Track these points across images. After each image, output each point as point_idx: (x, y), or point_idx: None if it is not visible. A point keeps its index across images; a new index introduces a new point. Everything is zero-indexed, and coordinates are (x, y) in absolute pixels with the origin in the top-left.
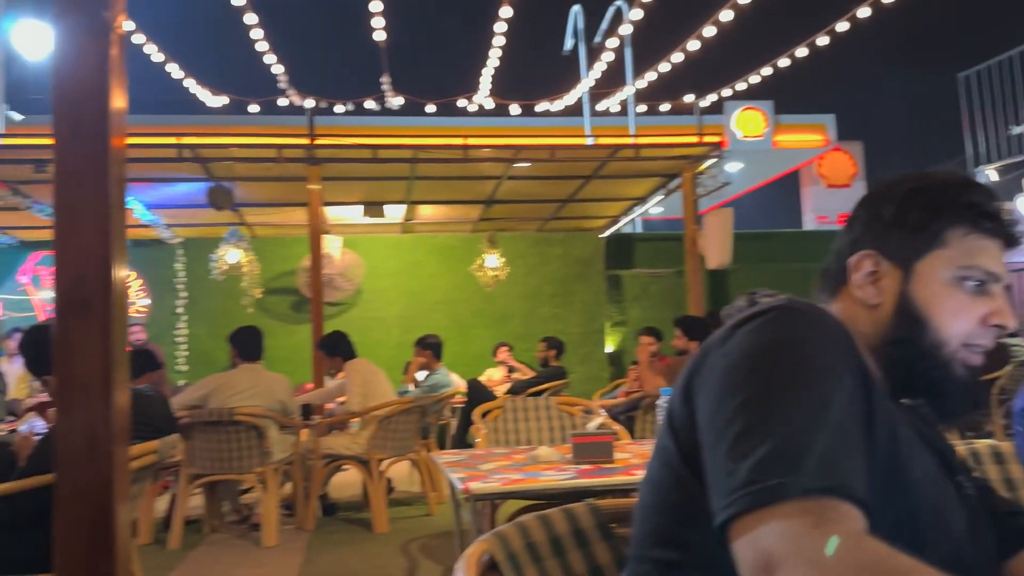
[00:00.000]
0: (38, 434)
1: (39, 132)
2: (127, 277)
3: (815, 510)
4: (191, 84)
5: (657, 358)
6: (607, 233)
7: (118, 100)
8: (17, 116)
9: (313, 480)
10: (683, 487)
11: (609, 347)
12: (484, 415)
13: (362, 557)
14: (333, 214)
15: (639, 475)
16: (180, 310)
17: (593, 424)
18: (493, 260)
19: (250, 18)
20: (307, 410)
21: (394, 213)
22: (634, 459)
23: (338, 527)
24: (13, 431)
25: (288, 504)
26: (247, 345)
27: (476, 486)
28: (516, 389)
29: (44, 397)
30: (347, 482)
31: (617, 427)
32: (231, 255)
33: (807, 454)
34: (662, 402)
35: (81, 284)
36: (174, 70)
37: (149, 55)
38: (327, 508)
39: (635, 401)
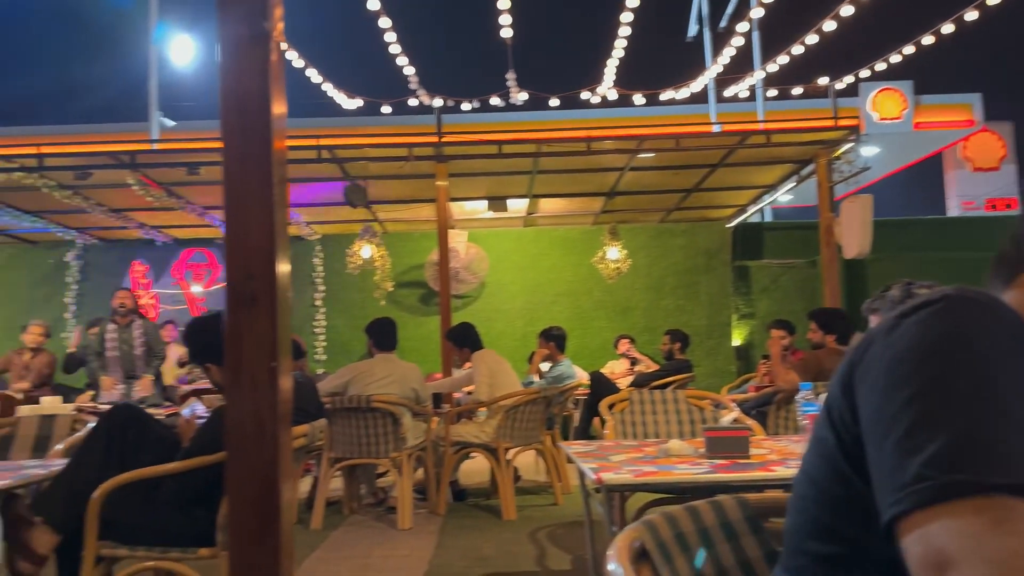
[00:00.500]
0: (200, 418)
1: (190, 136)
2: (288, 272)
3: (993, 508)
4: (328, 88)
5: (790, 352)
6: (734, 223)
7: (278, 105)
8: (169, 122)
9: (444, 466)
10: (842, 480)
11: (736, 340)
12: (611, 407)
13: (493, 543)
14: (458, 209)
15: (778, 472)
16: (318, 303)
17: (727, 418)
18: (615, 252)
19: (384, 22)
20: (437, 399)
21: (517, 207)
22: (772, 455)
23: (468, 513)
24: (172, 415)
25: (420, 489)
26: (383, 336)
27: (609, 477)
28: (640, 382)
29: (201, 384)
30: (475, 469)
31: (751, 422)
32: (365, 250)
33: (983, 449)
34: (800, 397)
35: (249, 279)
36: (313, 75)
37: (290, 61)
38: (457, 494)
39: (767, 396)
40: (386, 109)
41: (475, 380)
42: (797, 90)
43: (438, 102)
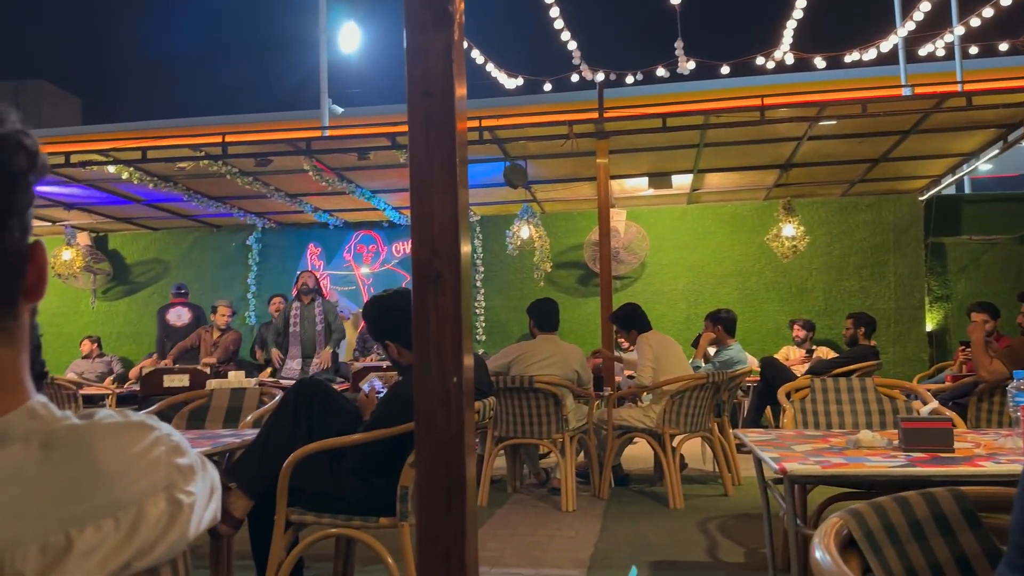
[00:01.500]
0: (379, 392)
1: (358, 123)
2: (469, 251)
3: None
4: (491, 68)
5: (993, 338)
6: (927, 196)
7: (460, 87)
8: (339, 109)
9: (607, 450)
10: None
11: (929, 326)
12: (788, 395)
13: (659, 530)
14: (619, 187)
15: (988, 467)
16: (478, 283)
17: (925, 409)
18: (790, 229)
19: None
20: (599, 381)
21: (681, 183)
22: (978, 449)
23: (632, 499)
24: (344, 391)
25: (583, 472)
26: (545, 316)
27: (793, 467)
28: (818, 369)
29: (368, 360)
30: (638, 455)
31: (949, 414)
32: (523, 231)
33: None
34: (1013, 386)
35: (434, 257)
36: (476, 56)
37: None
38: (620, 479)
39: (966, 387)
40: (547, 87)
41: (638, 363)
42: (1003, 46)
43: (600, 76)
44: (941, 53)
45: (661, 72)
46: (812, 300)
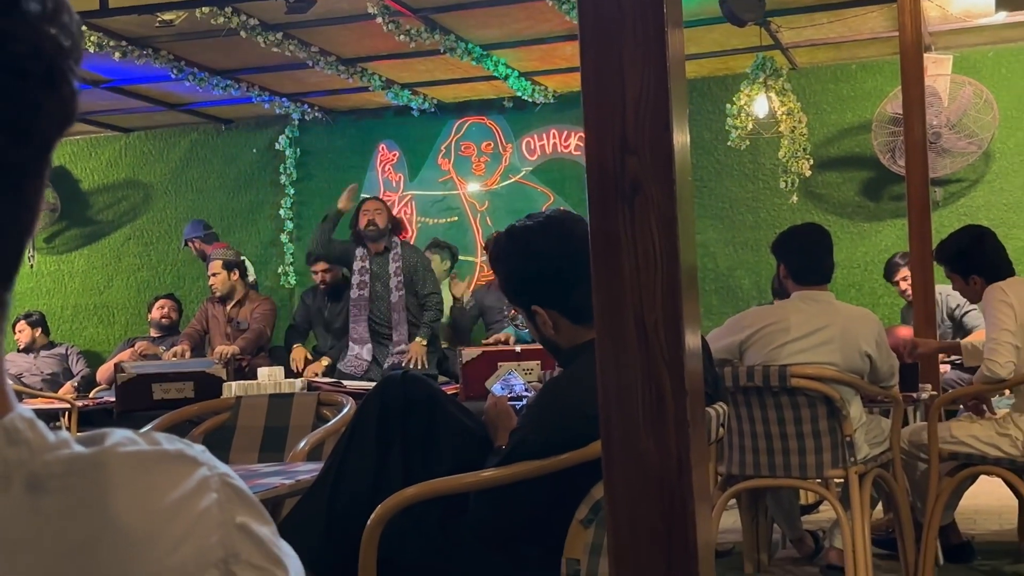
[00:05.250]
0: (519, 397)
1: None
2: (688, 143)
3: None
4: None
5: None
6: None
7: None
8: None
9: (928, 498)
10: None
11: None
12: None
13: None
14: (940, 14)
15: None
16: None
17: None
18: None
19: None
20: (911, 375)
21: None
22: None
23: None
24: (455, 394)
25: (886, 539)
26: (806, 259)
27: None
28: None
29: (492, 344)
30: (989, 506)
31: None
32: (759, 104)
33: None
34: None
35: (627, 154)
36: None
37: None
38: (955, 549)
39: None
40: None
41: (989, 337)
42: None
43: None
44: None
45: None
46: None
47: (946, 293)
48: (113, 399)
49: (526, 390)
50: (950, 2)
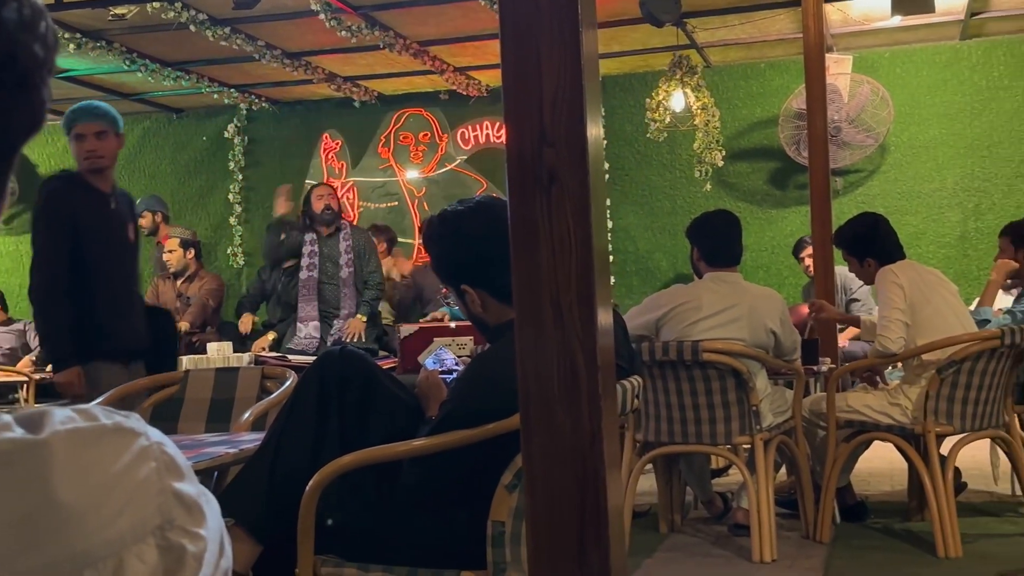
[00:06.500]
0: (450, 372)
1: None
2: (601, 135)
3: None
4: None
5: None
6: None
7: None
8: None
9: (827, 463)
10: None
11: None
12: None
13: None
14: (840, 17)
15: None
16: None
17: None
18: None
19: None
20: (811, 349)
21: (948, 4)
22: None
23: (872, 541)
24: (393, 368)
25: (787, 499)
26: (719, 242)
27: None
28: None
29: (428, 322)
30: (881, 469)
31: None
32: (676, 99)
33: None
34: None
35: (544, 146)
36: None
37: None
38: (850, 509)
39: None
40: None
41: (881, 315)
42: None
43: None
44: None
45: None
46: None
47: (843, 274)
48: None
49: (456, 364)
50: (850, 6)
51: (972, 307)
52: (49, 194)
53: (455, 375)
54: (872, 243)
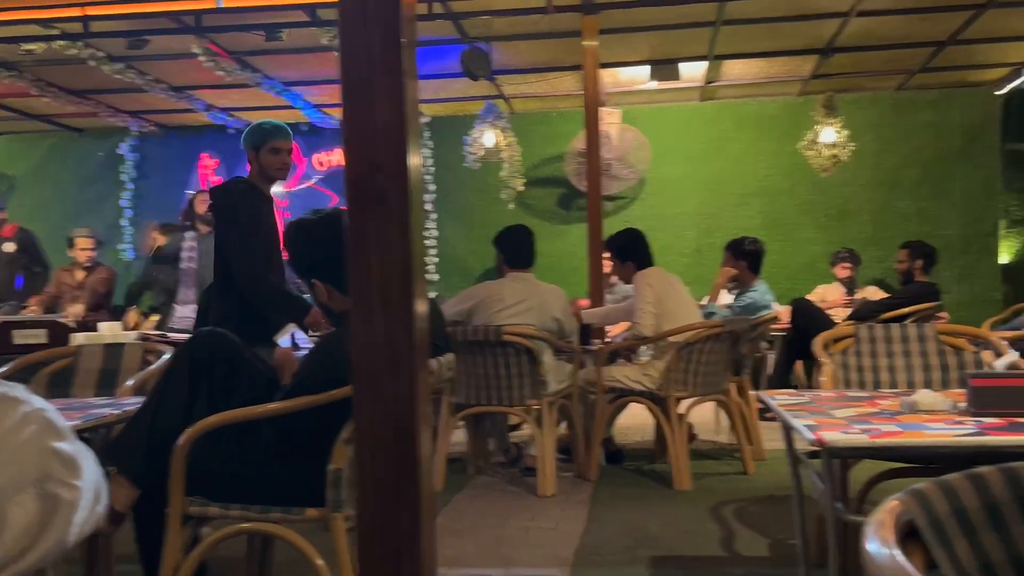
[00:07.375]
0: (301, 349)
1: None
2: (420, 163)
3: None
4: None
5: None
6: (1006, 89)
7: None
8: None
9: (596, 420)
10: None
11: (1004, 257)
12: (827, 346)
13: (662, 519)
14: (612, 79)
15: None
16: (428, 206)
17: (1001, 362)
18: (830, 134)
19: None
20: (586, 333)
21: (692, 73)
22: None
23: (627, 479)
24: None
25: (565, 447)
26: (517, 249)
27: (833, 438)
28: (863, 314)
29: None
30: (635, 425)
31: None
32: (487, 137)
33: None
34: None
35: (375, 171)
36: None
37: None
38: (612, 455)
39: None
40: None
41: (636, 307)
42: None
43: None
44: None
45: None
46: (857, 226)
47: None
48: None
49: (306, 343)
50: (619, 72)
51: (704, 302)
52: (241, 195)
53: (305, 351)
54: (633, 251)
